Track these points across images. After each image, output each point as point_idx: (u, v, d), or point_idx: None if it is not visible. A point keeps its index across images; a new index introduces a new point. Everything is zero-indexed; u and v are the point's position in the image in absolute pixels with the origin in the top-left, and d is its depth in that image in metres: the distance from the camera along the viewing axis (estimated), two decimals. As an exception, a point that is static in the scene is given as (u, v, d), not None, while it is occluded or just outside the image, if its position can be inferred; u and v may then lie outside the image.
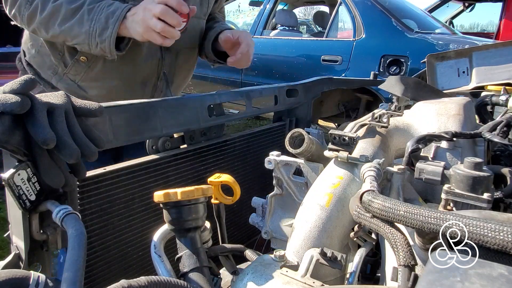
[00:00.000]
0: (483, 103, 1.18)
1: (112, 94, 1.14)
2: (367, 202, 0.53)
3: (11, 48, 3.51)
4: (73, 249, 0.47)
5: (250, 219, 0.96)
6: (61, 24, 0.98)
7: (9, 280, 0.45)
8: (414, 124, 0.93)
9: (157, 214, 0.88)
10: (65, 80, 1.13)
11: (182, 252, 0.61)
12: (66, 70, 1.11)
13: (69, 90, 1.12)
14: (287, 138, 0.85)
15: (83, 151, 0.58)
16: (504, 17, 5.63)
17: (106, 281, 0.80)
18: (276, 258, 0.60)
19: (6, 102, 0.51)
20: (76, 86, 1.13)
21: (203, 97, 0.98)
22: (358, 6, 3.62)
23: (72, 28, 0.97)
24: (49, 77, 1.15)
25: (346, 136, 0.73)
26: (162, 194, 0.60)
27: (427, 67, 1.71)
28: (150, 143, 0.91)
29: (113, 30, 0.95)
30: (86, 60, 1.09)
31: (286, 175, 0.89)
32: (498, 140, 0.79)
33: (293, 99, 1.31)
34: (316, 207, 0.66)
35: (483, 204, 0.54)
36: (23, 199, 0.55)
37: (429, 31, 3.56)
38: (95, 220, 0.76)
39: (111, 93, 1.15)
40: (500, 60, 1.61)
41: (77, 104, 0.62)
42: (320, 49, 3.79)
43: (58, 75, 1.13)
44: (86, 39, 0.97)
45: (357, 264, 0.62)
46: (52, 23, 0.98)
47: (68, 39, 1.01)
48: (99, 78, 1.12)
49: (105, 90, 1.15)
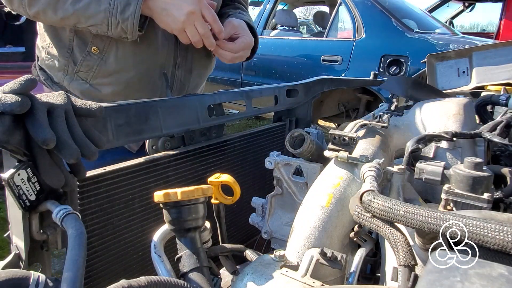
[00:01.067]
0: (483, 103, 1.18)
1: (129, 89, 1.08)
2: (367, 202, 0.53)
3: (11, 48, 3.51)
4: (73, 249, 0.47)
5: (250, 219, 0.96)
6: (75, 3, 0.89)
7: (9, 280, 0.45)
8: (414, 124, 0.93)
9: (157, 214, 0.88)
10: (77, 80, 1.07)
11: (182, 252, 0.61)
12: (76, 67, 1.05)
13: (82, 92, 1.07)
14: (287, 138, 0.85)
15: (83, 151, 0.58)
16: (504, 17, 5.63)
17: (106, 281, 0.80)
18: (276, 258, 0.60)
19: (6, 102, 0.51)
20: (89, 86, 1.07)
21: (203, 97, 0.98)
22: (358, 6, 3.62)
23: (89, 7, 0.88)
24: (61, 79, 1.09)
25: (346, 136, 0.73)
26: (162, 194, 0.60)
27: (427, 67, 1.71)
28: (150, 143, 0.91)
29: (137, 6, 0.88)
30: (98, 52, 1.02)
31: (286, 175, 0.89)
32: (498, 140, 0.79)
33: (293, 99, 1.31)
34: (316, 207, 0.66)
35: (483, 204, 0.54)
36: (23, 199, 0.55)
37: (429, 31, 3.56)
38: (95, 220, 0.76)
39: (128, 88, 1.08)
40: (500, 60, 1.61)
41: (77, 104, 0.62)
42: (320, 49, 3.80)
43: (69, 75, 1.07)
44: (105, 18, 0.89)
45: (357, 264, 0.62)
46: (62, 2, 0.89)
47: (82, 21, 0.91)
48: (113, 72, 1.05)
49: (121, 85, 1.07)
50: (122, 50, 1.03)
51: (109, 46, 1.02)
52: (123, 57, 1.04)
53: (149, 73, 1.08)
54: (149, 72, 1.08)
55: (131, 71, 1.06)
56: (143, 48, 1.05)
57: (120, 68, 1.05)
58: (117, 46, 1.02)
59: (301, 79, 1.40)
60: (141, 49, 1.04)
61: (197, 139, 1.00)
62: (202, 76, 1.28)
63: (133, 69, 1.06)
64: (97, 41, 1.01)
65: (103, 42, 1.01)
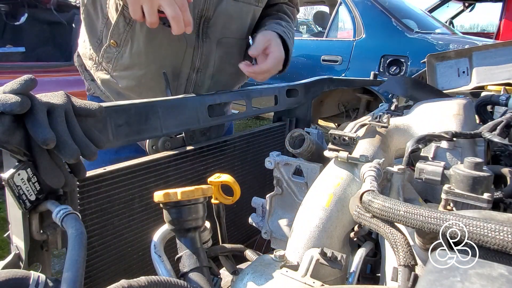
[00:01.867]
0: (483, 103, 1.18)
1: (141, 86, 1.11)
2: (367, 202, 0.53)
3: (11, 48, 3.52)
4: (73, 249, 0.48)
5: (250, 219, 0.96)
6: None
7: (9, 280, 0.45)
8: (414, 124, 0.93)
9: (157, 214, 0.88)
10: (101, 70, 1.13)
11: (182, 252, 0.61)
12: (100, 58, 1.10)
13: (104, 82, 1.13)
14: (287, 138, 0.85)
15: (83, 151, 0.58)
16: (504, 17, 5.63)
17: (106, 281, 0.80)
18: (276, 258, 0.60)
19: (6, 102, 0.51)
20: (109, 77, 1.12)
21: (203, 97, 0.98)
22: (358, 6, 3.62)
23: None
24: (90, 67, 1.15)
25: (346, 136, 0.73)
26: (162, 194, 0.60)
27: (427, 67, 1.71)
28: (150, 143, 0.91)
29: None
30: (116, 45, 1.06)
31: (286, 175, 0.89)
32: (498, 140, 0.79)
33: (293, 99, 1.30)
34: (316, 207, 0.66)
35: (483, 204, 0.54)
36: (23, 199, 0.55)
37: (429, 31, 3.56)
38: (95, 220, 0.76)
39: (140, 84, 1.11)
40: (500, 60, 1.61)
41: (77, 104, 0.62)
42: (320, 49, 3.80)
43: (96, 64, 1.13)
44: None
45: (357, 264, 0.62)
46: None
47: None
48: (128, 66, 1.09)
49: (134, 80, 1.10)
50: (136, 47, 1.06)
51: (125, 41, 1.06)
52: (137, 53, 1.07)
53: (160, 74, 1.08)
54: (160, 72, 1.08)
55: (143, 69, 1.09)
56: (155, 48, 1.06)
57: (134, 64, 1.08)
58: (132, 42, 1.05)
59: (301, 79, 1.40)
60: (152, 48, 1.06)
61: (197, 139, 1.00)
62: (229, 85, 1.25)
63: (144, 67, 1.08)
64: (115, 35, 1.05)
65: (120, 36, 1.05)
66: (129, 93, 1.14)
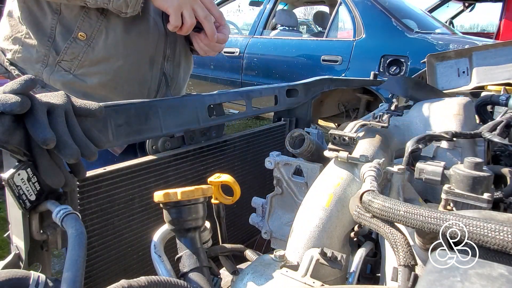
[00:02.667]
0: (483, 103, 1.18)
1: (117, 79, 1.03)
2: (367, 202, 0.53)
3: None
4: (73, 249, 0.48)
5: (250, 219, 0.96)
6: None
7: (9, 280, 0.45)
8: (414, 124, 0.93)
9: (157, 214, 0.88)
10: (59, 71, 1.00)
11: (182, 252, 0.61)
12: (59, 57, 0.98)
13: (64, 84, 1.01)
14: (287, 138, 0.85)
15: (83, 151, 0.58)
16: (504, 17, 5.63)
17: (106, 281, 0.80)
18: (276, 258, 0.60)
19: (6, 102, 0.51)
20: (72, 77, 1.00)
21: (203, 97, 0.98)
22: (358, 6, 3.62)
23: None
24: (39, 72, 1.01)
25: (346, 136, 0.73)
26: (162, 194, 0.60)
27: (427, 67, 1.71)
28: (150, 143, 0.91)
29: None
30: (85, 38, 0.98)
31: (286, 175, 0.89)
32: (498, 140, 0.79)
33: (293, 99, 1.31)
34: (316, 207, 0.66)
35: (483, 204, 0.54)
36: (23, 199, 0.55)
37: (429, 31, 3.56)
38: (95, 220, 0.76)
39: (116, 77, 1.03)
40: (500, 60, 1.61)
41: (77, 104, 0.62)
42: (320, 49, 3.79)
43: (50, 66, 1.00)
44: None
45: (357, 264, 0.62)
46: None
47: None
48: (101, 59, 1.00)
49: (109, 74, 1.02)
50: (112, 37, 0.99)
51: (98, 32, 0.99)
52: (113, 44, 1.00)
53: (138, 64, 1.05)
54: (139, 62, 1.05)
55: (120, 60, 1.02)
56: (133, 37, 1.02)
57: (109, 56, 1.01)
58: (107, 32, 0.99)
59: (301, 79, 1.40)
60: (131, 37, 1.02)
61: (197, 139, 1.00)
62: (187, 72, 1.26)
63: (122, 58, 1.02)
64: (85, 27, 0.97)
65: (91, 28, 0.98)
66: (99, 92, 1.04)
